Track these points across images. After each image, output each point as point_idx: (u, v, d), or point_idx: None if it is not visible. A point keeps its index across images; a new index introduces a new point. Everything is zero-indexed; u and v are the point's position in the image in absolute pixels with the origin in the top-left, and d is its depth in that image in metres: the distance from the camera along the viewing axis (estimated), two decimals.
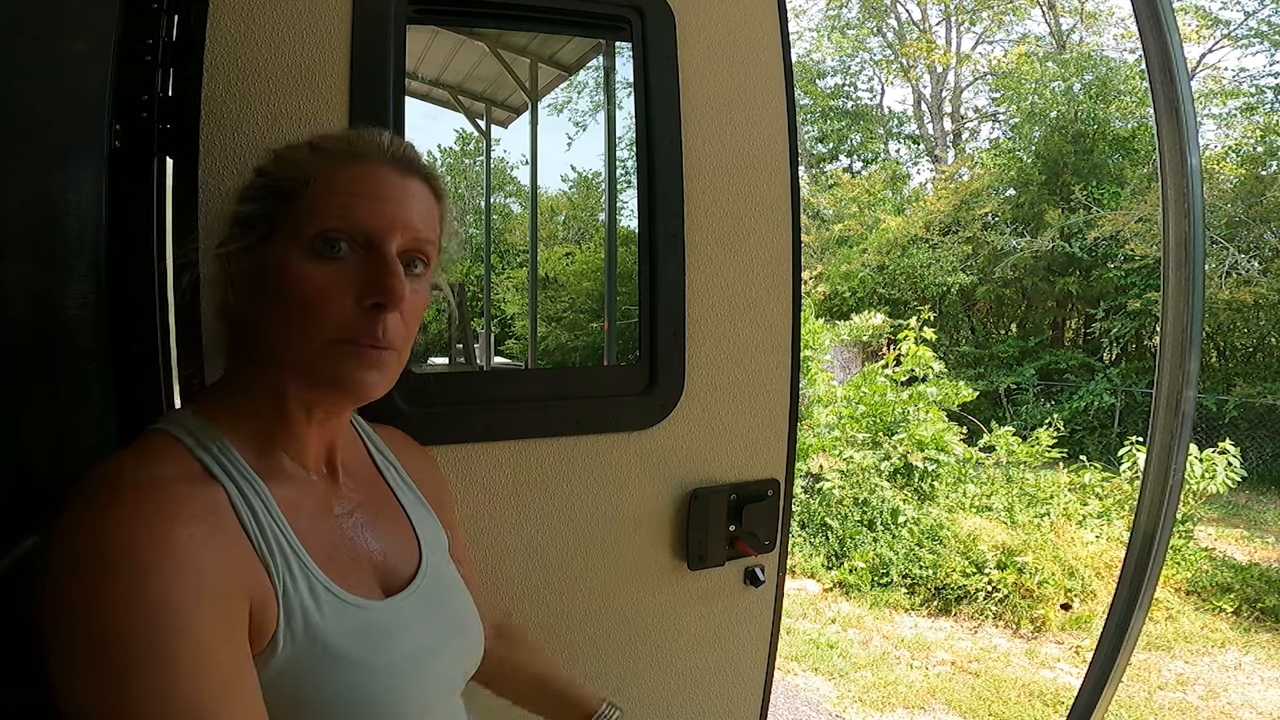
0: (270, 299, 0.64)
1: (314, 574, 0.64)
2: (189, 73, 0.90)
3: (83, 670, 0.50)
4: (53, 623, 0.51)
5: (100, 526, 0.52)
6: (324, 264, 0.63)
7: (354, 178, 0.65)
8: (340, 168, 0.65)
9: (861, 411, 6.35)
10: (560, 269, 10.54)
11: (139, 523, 0.53)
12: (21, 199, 0.64)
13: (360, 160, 0.66)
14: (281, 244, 0.64)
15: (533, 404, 1.12)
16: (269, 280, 0.64)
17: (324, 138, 0.69)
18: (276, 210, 0.65)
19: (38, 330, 0.66)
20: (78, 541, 0.52)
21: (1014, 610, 4.85)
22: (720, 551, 1.23)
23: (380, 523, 0.75)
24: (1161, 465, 1.60)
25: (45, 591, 0.52)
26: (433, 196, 0.70)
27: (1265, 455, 9.47)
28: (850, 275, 12.51)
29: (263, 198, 0.66)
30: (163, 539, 0.53)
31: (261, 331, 0.65)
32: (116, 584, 0.51)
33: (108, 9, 0.81)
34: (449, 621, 0.75)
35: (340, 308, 0.62)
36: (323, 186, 0.64)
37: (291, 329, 0.62)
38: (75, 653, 0.51)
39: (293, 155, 0.67)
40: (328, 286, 0.62)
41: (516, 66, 3.97)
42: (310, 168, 0.65)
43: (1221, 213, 9.68)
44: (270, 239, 0.64)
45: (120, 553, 0.52)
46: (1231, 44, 11.79)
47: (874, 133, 16.16)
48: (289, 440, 0.68)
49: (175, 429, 0.63)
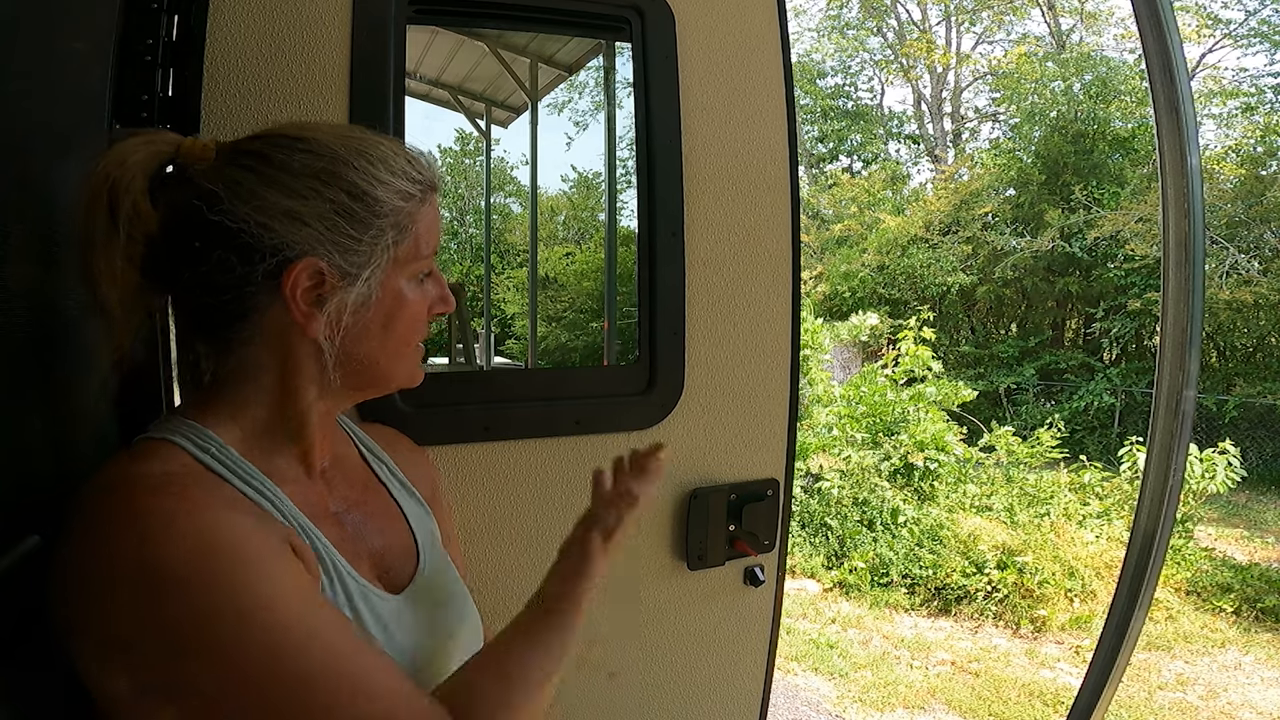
0: (381, 324, 0.66)
1: (337, 558, 0.65)
2: (189, 73, 0.90)
3: (189, 649, 0.52)
4: (140, 634, 0.52)
5: (148, 534, 0.53)
6: (420, 289, 0.69)
7: (436, 211, 0.71)
8: (432, 201, 0.70)
9: (861, 411, 6.35)
10: (560, 269, 10.54)
11: (178, 506, 0.55)
12: (22, 199, 0.64)
13: (436, 191, 0.71)
14: (393, 273, 0.66)
15: (532, 404, 1.12)
16: (379, 307, 0.65)
17: (413, 162, 0.68)
18: (395, 242, 0.65)
19: (38, 330, 0.66)
20: (132, 552, 0.52)
21: (1014, 610, 4.85)
22: (720, 551, 1.23)
23: (376, 521, 0.75)
24: (1161, 465, 1.60)
25: (110, 611, 0.52)
26: None
27: (1265, 455, 9.47)
28: (850, 275, 12.51)
29: (377, 228, 0.64)
30: (209, 511, 0.56)
31: (357, 354, 0.66)
32: (205, 573, 0.52)
33: (108, 9, 0.81)
34: (450, 617, 0.75)
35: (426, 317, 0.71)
36: (424, 222, 0.68)
37: (401, 349, 0.69)
38: (182, 649, 0.52)
39: (397, 184, 0.65)
40: (423, 310, 0.70)
41: (516, 66, 3.97)
42: (417, 201, 0.67)
43: (1221, 213, 9.68)
44: (378, 264, 0.65)
45: (181, 533, 0.53)
46: (1231, 44, 11.79)
47: (874, 133, 16.16)
48: (290, 442, 0.68)
49: (168, 434, 0.62)
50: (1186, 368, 1.57)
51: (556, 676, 0.67)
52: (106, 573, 0.52)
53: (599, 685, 1.20)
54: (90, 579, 0.53)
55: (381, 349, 0.67)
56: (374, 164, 0.65)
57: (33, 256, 0.66)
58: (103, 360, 0.67)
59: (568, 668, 0.69)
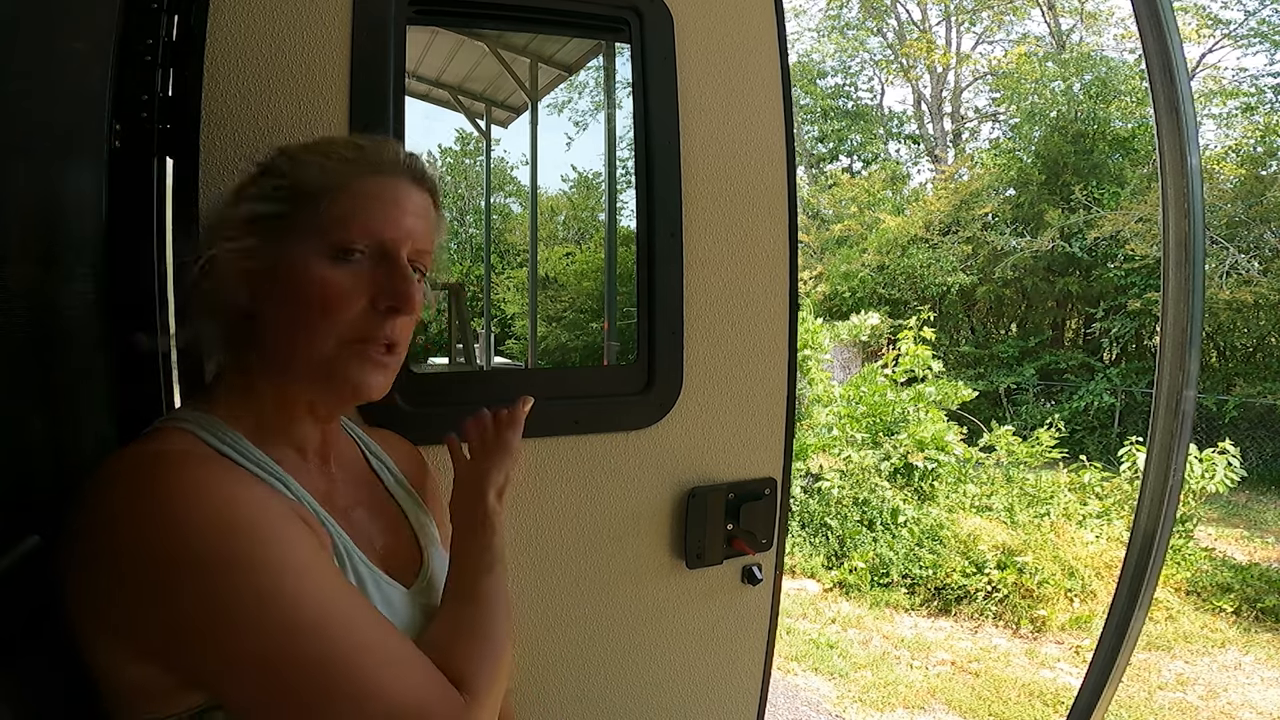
0: (286, 299, 0.64)
1: (348, 543, 0.66)
2: (189, 73, 0.90)
3: (207, 626, 0.52)
4: (158, 597, 0.52)
5: (166, 512, 0.53)
6: (340, 268, 0.65)
7: (378, 189, 0.67)
8: (365, 178, 0.67)
9: (861, 411, 6.35)
10: (560, 269, 10.54)
11: (199, 479, 0.56)
12: (21, 199, 0.64)
13: (383, 172, 0.68)
14: (298, 245, 0.65)
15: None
16: (285, 281, 0.64)
17: (343, 143, 0.70)
18: (297, 212, 0.65)
19: (38, 330, 0.66)
20: (150, 530, 0.53)
21: (1014, 610, 4.85)
22: (718, 550, 1.24)
23: (379, 521, 0.76)
24: (1161, 465, 1.60)
25: (130, 589, 0.53)
26: (435, 208, 0.73)
27: (1265, 455, 9.46)
28: (850, 275, 12.51)
29: (281, 199, 0.66)
30: (228, 486, 0.56)
31: (274, 331, 0.65)
32: (219, 539, 0.53)
33: (108, 9, 0.81)
34: None
35: (354, 310, 0.65)
36: (347, 195, 0.66)
37: (307, 330, 0.64)
38: (200, 629, 0.52)
39: (312, 159, 0.68)
40: (345, 289, 0.64)
41: (516, 66, 3.97)
42: (335, 174, 0.66)
43: (1221, 213, 9.67)
44: (285, 239, 0.65)
45: (201, 509, 0.53)
46: (1231, 44, 11.78)
47: (874, 133, 16.15)
48: (291, 436, 0.69)
49: (183, 423, 0.64)
50: (1186, 368, 1.57)
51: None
52: (126, 551, 0.53)
53: (597, 684, 1.20)
54: (108, 558, 0.53)
55: (288, 326, 0.65)
56: (299, 149, 0.69)
57: (33, 256, 0.66)
58: (103, 360, 0.67)
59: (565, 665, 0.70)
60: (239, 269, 0.66)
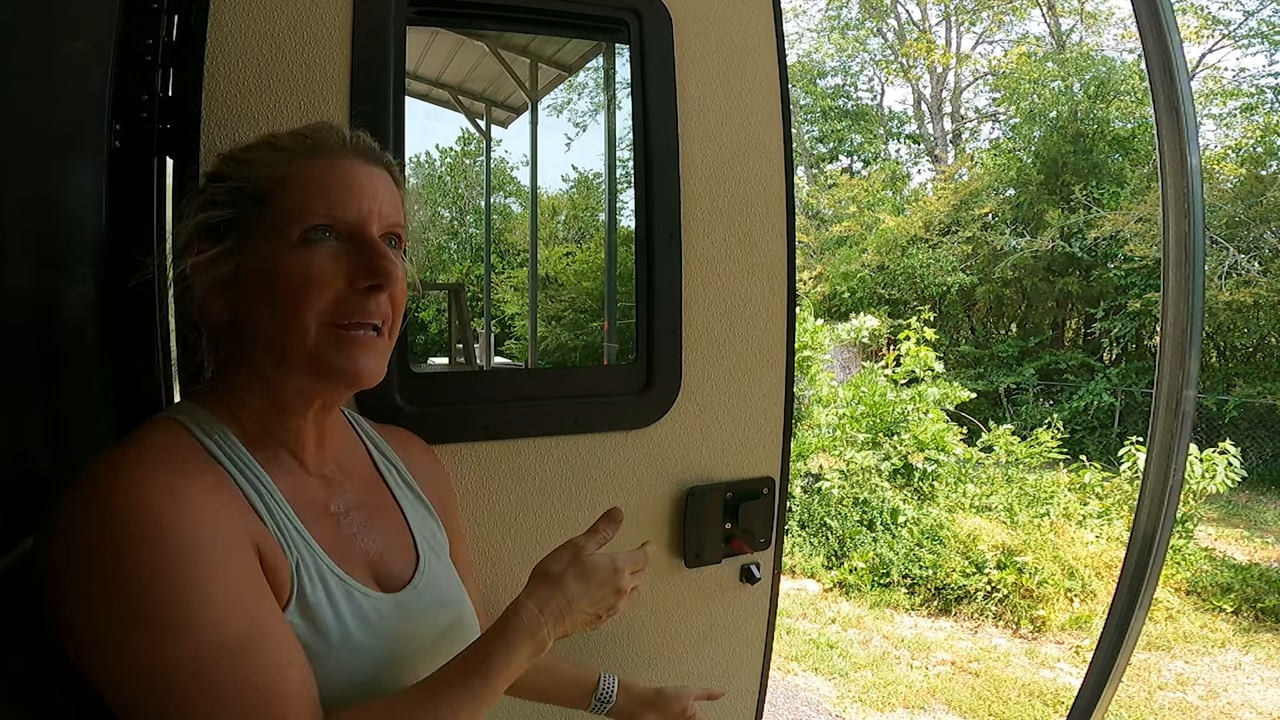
0: (260, 298, 0.64)
1: (320, 556, 0.65)
2: (189, 73, 0.90)
3: (116, 627, 0.52)
4: (76, 588, 0.53)
5: (111, 489, 0.54)
6: (306, 253, 0.64)
7: (326, 172, 0.66)
8: (310, 163, 0.66)
9: (861, 411, 6.35)
10: (560, 269, 10.53)
11: (144, 476, 0.56)
12: (21, 199, 0.64)
13: (328, 154, 0.67)
14: (260, 243, 0.64)
15: (532, 403, 1.13)
16: (254, 281, 0.64)
17: (285, 135, 0.69)
18: (248, 213, 0.65)
19: (38, 330, 0.66)
20: (89, 507, 0.54)
21: (1014, 610, 4.85)
22: (717, 549, 1.24)
23: (377, 523, 0.75)
24: (1161, 465, 1.60)
25: (63, 557, 0.54)
26: (394, 182, 0.72)
27: (1265, 455, 9.46)
28: (850, 275, 12.50)
29: (230, 202, 0.66)
30: (171, 487, 0.56)
31: (258, 331, 0.65)
32: (135, 535, 0.53)
33: (108, 9, 0.81)
34: (445, 623, 0.75)
35: (331, 293, 0.64)
36: (296, 182, 0.65)
37: (286, 320, 0.64)
38: (106, 612, 0.52)
39: (253, 156, 0.68)
40: (314, 273, 0.64)
41: (516, 66, 3.97)
42: (280, 165, 0.66)
43: (1221, 213, 9.66)
44: (246, 241, 0.65)
45: (132, 506, 0.54)
46: (1231, 44, 11.78)
47: (874, 133, 16.14)
48: (286, 436, 0.69)
49: (179, 416, 0.65)
50: (1186, 368, 1.57)
51: None
52: (61, 554, 0.54)
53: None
54: (49, 558, 0.55)
55: (266, 318, 0.64)
56: (242, 150, 0.69)
57: (33, 256, 0.66)
58: (103, 360, 0.67)
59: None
60: (209, 281, 0.66)
